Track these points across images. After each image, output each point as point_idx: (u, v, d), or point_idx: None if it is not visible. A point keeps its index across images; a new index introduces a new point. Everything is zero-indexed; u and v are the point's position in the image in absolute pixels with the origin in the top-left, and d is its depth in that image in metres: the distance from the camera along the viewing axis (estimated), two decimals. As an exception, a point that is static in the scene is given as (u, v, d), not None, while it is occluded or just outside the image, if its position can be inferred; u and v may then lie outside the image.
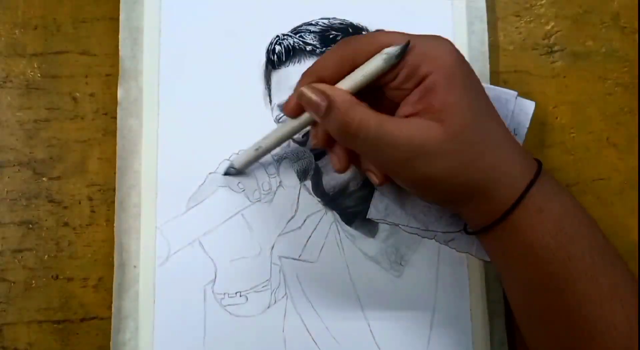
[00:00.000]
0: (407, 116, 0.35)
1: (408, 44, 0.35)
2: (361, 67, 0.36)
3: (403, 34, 0.36)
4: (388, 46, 0.35)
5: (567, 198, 0.36)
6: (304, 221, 0.45)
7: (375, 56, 0.36)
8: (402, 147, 0.34)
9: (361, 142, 0.35)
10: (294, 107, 0.38)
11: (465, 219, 0.38)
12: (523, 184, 0.35)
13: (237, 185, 0.45)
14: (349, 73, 0.37)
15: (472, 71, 0.36)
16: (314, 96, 0.36)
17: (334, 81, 0.37)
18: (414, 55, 0.35)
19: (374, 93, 0.38)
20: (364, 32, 0.48)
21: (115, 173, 0.44)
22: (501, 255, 0.38)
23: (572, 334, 0.35)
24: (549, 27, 0.50)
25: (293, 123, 0.39)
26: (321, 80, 0.37)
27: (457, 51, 0.36)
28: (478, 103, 0.36)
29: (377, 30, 0.44)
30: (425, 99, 0.35)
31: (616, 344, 0.33)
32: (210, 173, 0.45)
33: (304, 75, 0.38)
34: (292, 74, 0.46)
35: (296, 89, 0.38)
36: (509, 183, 0.35)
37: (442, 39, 0.36)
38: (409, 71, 0.35)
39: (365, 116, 0.35)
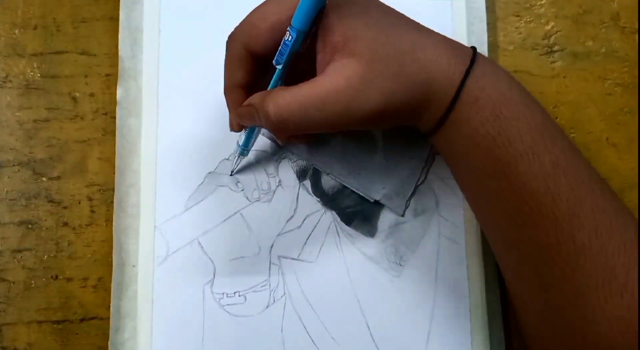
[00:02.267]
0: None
1: None
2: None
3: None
4: (278, 22, 0.35)
5: (504, 82, 0.36)
6: (303, 221, 0.45)
7: None
8: (332, 97, 0.33)
9: (293, 124, 0.35)
10: (237, 125, 0.41)
11: (420, 127, 0.38)
12: (457, 77, 0.35)
13: (236, 184, 0.45)
14: (256, 64, 0.37)
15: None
16: (245, 111, 0.38)
17: (252, 80, 0.38)
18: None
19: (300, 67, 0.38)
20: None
21: (114, 173, 0.44)
22: (450, 153, 0.38)
23: (521, 212, 0.35)
24: (549, 27, 0.50)
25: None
26: (243, 86, 0.38)
27: None
28: (378, 17, 0.35)
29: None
30: (327, 40, 0.34)
31: (561, 211, 0.34)
32: (209, 173, 0.45)
33: (226, 93, 0.39)
34: (291, 73, 0.46)
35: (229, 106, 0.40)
36: (444, 80, 0.35)
37: None
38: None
39: (280, 99, 0.34)
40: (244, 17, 0.47)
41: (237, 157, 0.44)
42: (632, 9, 0.50)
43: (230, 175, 0.45)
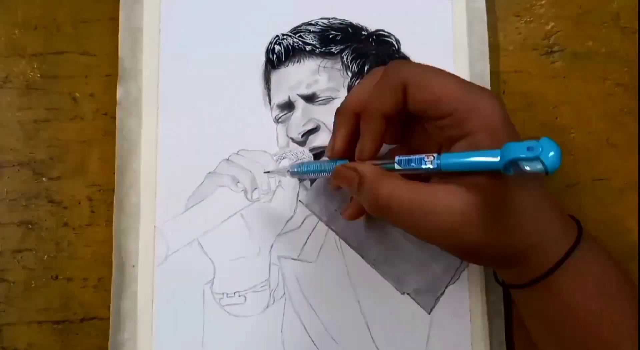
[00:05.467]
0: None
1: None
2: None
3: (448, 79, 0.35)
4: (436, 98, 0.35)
5: (606, 259, 0.36)
6: (303, 221, 0.45)
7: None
8: (444, 215, 0.33)
9: (395, 213, 0.35)
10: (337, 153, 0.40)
11: (502, 275, 0.39)
12: (563, 247, 0.35)
13: (236, 185, 0.45)
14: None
15: (515, 132, 0.35)
16: (347, 173, 0.37)
17: (398, 115, 0.37)
18: (461, 103, 0.34)
19: (411, 121, 0.38)
20: (363, 32, 0.47)
21: (114, 173, 0.44)
22: (537, 313, 0.38)
23: None
24: (549, 27, 0.50)
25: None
26: (387, 116, 0.37)
27: (504, 111, 0.35)
28: None
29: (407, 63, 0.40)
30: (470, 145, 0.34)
31: None
32: (209, 173, 0.45)
33: (366, 119, 0.38)
34: (291, 73, 0.46)
35: (334, 129, 0.40)
36: (548, 247, 0.35)
37: (490, 93, 0.35)
38: (454, 120, 0.34)
39: (397, 187, 0.35)
40: (244, 17, 0.48)
41: (287, 173, 0.43)
42: (632, 9, 0.50)
43: (264, 172, 0.45)
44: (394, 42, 0.48)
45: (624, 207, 0.48)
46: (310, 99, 0.46)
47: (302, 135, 0.46)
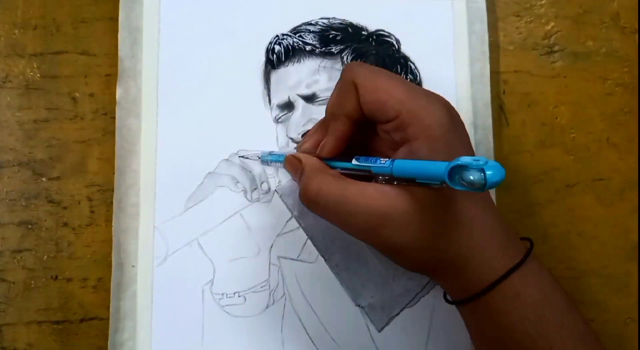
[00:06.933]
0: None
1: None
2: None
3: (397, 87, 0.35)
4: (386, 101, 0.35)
5: (548, 282, 0.35)
6: (303, 221, 0.45)
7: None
8: (365, 215, 0.33)
9: (322, 209, 0.35)
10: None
11: (443, 287, 0.38)
12: (501, 267, 0.34)
13: (236, 185, 0.45)
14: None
15: (462, 143, 0.35)
16: (293, 161, 0.38)
17: (361, 115, 0.37)
18: (405, 108, 0.34)
19: (371, 127, 0.38)
20: (363, 32, 0.47)
21: (114, 173, 0.44)
22: (478, 330, 0.37)
23: None
24: (549, 27, 0.50)
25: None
26: (349, 116, 0.37)
27: (450, 119, 0.34)
28: None
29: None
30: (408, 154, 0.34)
31: None
32: (209, 173, 0.45)
33: (329, 118, 0.38)
34: (291, 73, 0.46)
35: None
36: (483, 264, 0.34)
37: (439, 101, 0.35)
38: (397, 124, 0.35)
39: (326, 183, 0.35)
40: (244, 17, 0.47)
41: (257, 159, 0.44)
42: (632, 9, 0.50)
43: (239, 156, 0.45)
44: (394, 42, 0.48)
45: (624, 207, 0.48)
46: (310, 99, 0.46)
47: (302, 136, 0.45)
